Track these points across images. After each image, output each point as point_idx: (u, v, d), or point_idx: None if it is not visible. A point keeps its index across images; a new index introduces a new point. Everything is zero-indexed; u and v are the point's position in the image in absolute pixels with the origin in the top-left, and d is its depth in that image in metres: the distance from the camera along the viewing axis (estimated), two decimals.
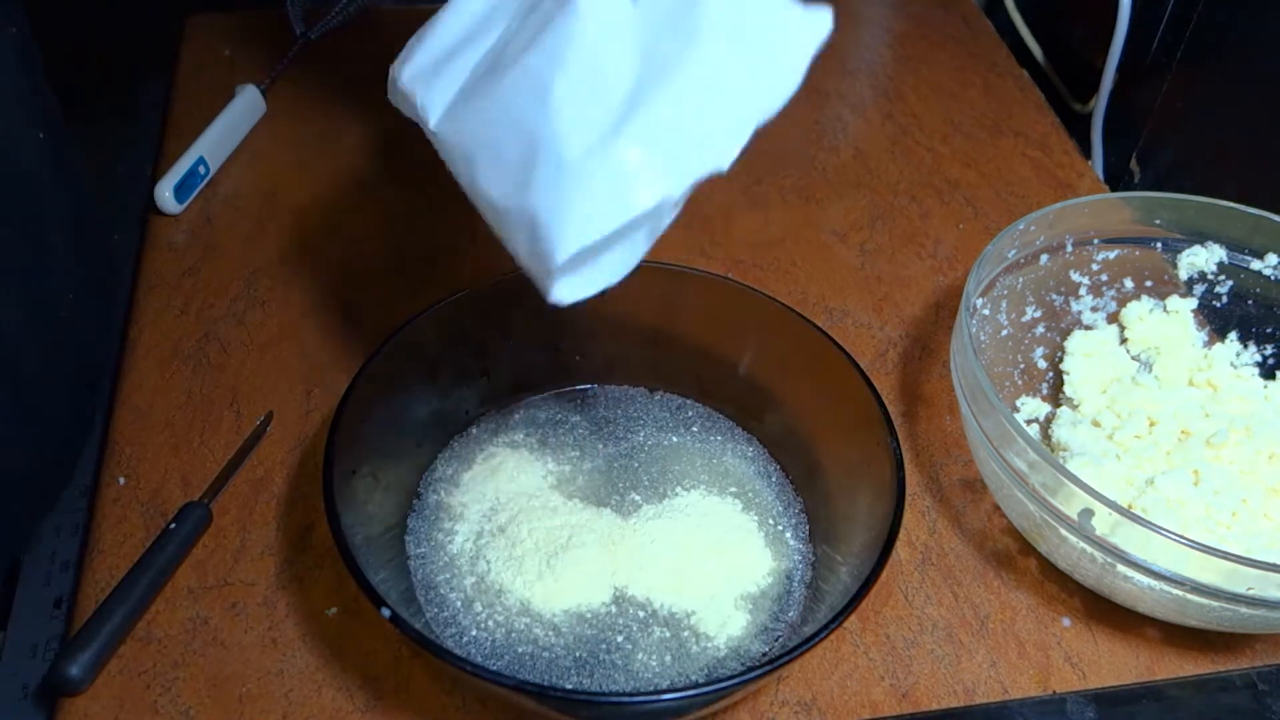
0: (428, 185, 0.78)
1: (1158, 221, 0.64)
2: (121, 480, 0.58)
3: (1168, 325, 0.64)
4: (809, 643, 0.42)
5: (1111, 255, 0.65)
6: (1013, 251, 0.61)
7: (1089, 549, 0.50)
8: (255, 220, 0.74)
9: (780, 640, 0.50)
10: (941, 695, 0.52)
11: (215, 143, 0.77)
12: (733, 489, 0.56)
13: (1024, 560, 0.58)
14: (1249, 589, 0.46)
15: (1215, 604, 0.48)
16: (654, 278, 0.58)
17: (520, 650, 0.49)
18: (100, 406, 0.62)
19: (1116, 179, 0.88)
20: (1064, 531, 0.50)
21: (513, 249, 0.43)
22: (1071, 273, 0.65)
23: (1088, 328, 0.66)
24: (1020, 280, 0.63)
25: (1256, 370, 0.64)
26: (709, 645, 0.50)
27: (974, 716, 0.51)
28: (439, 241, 0.73)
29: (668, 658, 0.49)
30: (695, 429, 0.59)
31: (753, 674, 0.42)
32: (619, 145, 0.39)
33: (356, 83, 0.85)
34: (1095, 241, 0.64)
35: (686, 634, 0.50)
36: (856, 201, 0.80)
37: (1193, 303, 0.65)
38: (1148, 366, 0.64)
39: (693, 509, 0.55)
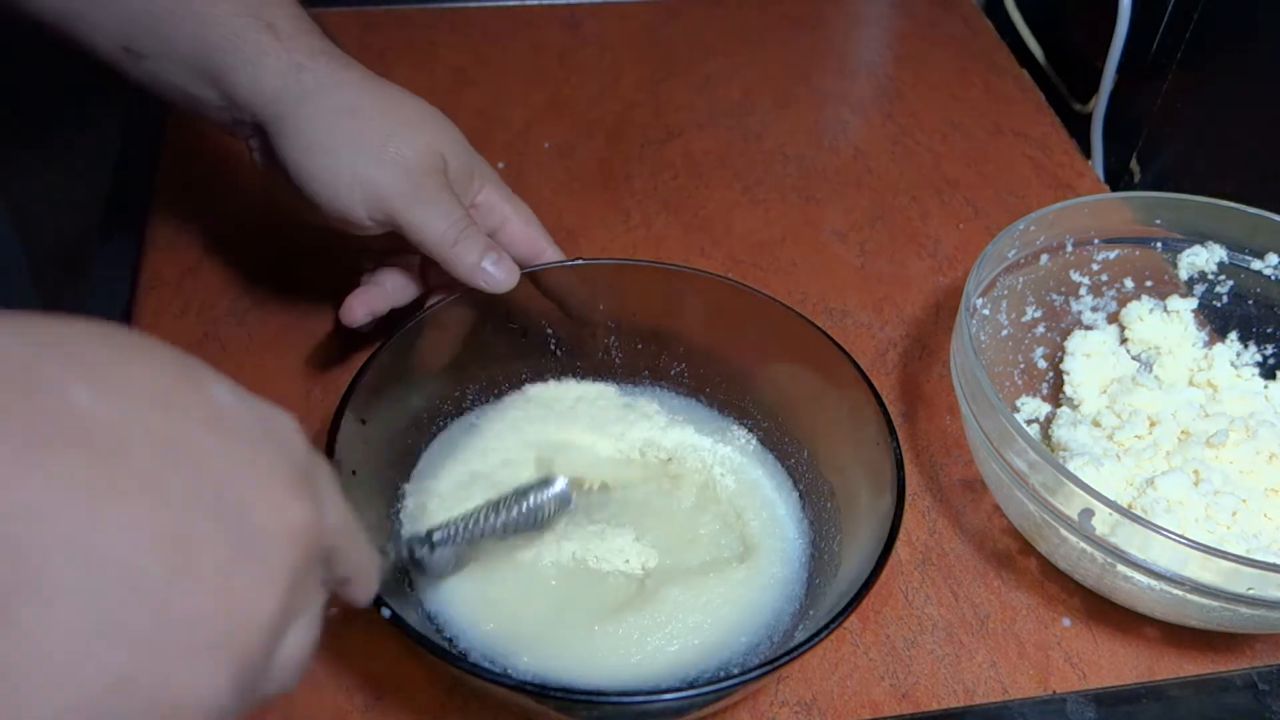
0: None
1: (1158, 221, 0.64)
2: None
3: (1168, 325, 0.64)
4: (809, 643, 0.42)
5: (1111, 255, 0.65)
6: (1013, 251, 0.61)
7: (1089, 549, 0.50)
8: (256, 220, 0.74)
9: (780, 641, 0.50)
10: (941, 695, 0.52)
11: None
12: (732, 488, 0.56)
13: (1024, 560, 0.58)
14: (1249, 589, 0.46)
15: (1215, 604, 0.48)
16: (654, 278, 0.58)
17: (519, 654, 0.49)
18: None
19: (1116, 179, 0.88)
20: (1064, 531, 0.50)
21: None
22: (1071, 273, 0.65)
23: (1088, 328, 0.65)
24: (1020, 280, 0.63)
25: (1257, 370, 0.64)
26: (710, 647, 0.50)
27: (974, 716, 0.51)
28: None
29: (669, 659, 0.49)
30: (692, 429, 0.59)
31: (753, 674, 0.42)
32: None
33: None
34: (1095, 241, 0.64)
35: (687, 639, 0.50)
36: (856, 201, 0.80)
37: (1193, 303, 0.65)
38: (1148, 366, 0.64)
39: (694, 511, 0.55)
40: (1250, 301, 0.64)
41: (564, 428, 0.58)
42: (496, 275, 0.53)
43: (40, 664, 0.22)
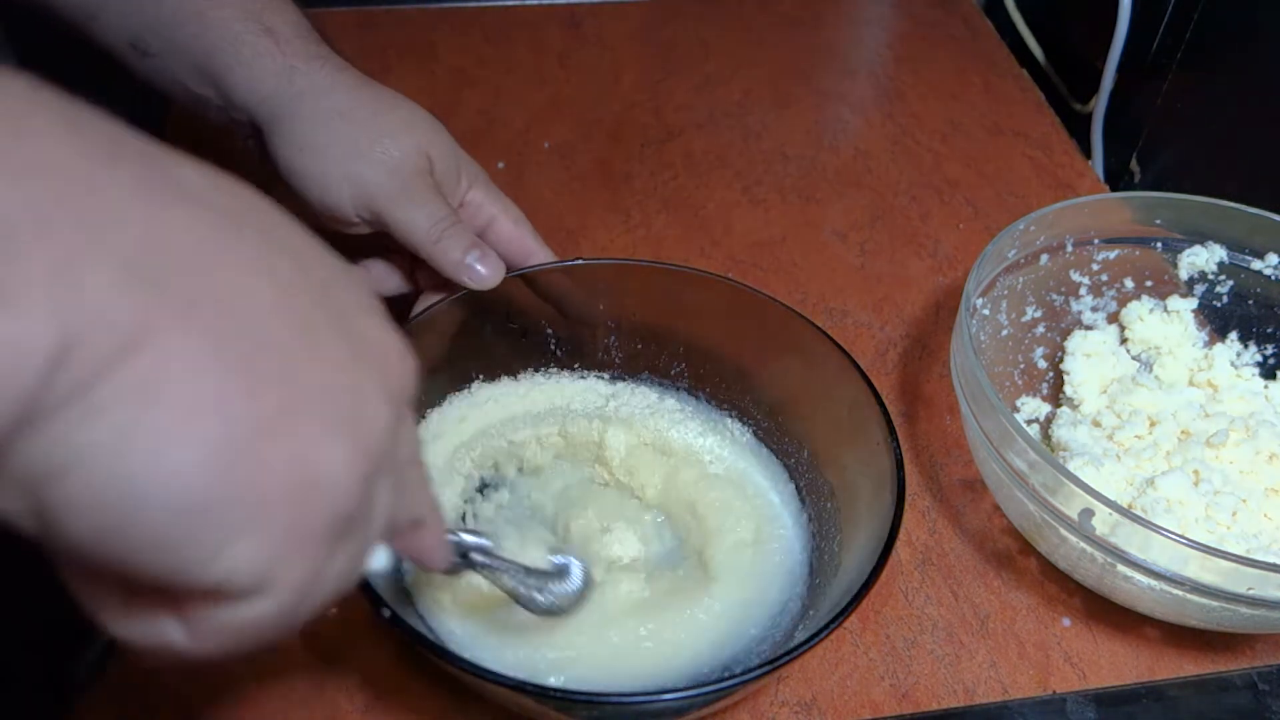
0: None
1: (1158, 221, 0.64)
2: None
3: (1168, 325, 0.64)
4: (809, 643, 0.42)
5: (1111, 255, 0.65)
6: (1013, 251, 0.61)
7: (1089, 549, 0.50)
8: None
9: (780, 640, 0.50)
10: (941, 695, 0.52)
11: None
12: (732, 487, 0.56)
13: (1024, 560, 0.58)
14: (1249, 589, 0.46)
15: (1215, 604, 0.48)
16: (654, 277, 0.58)
17: (520, 651, 0.49)
18: None
19: (1116, 179, 0.88)
20: (1064, 531, 0.50)
21: None
22: (1071, 273, 0.65)
23: (1088, 328, 0.65)
24: (1020, 280, 0.63)
25: (1257, 370, 0.64)
26: (711, 647, 0.50)
27: (974, 716, 0.51)
28: None
29: (669, 660, 0.49)
30: (690, 428, 0.59)
31: (753, 674, 0.42)
32: None
33: None
34: (1095, 241, 0.64)
35: (687, 640, 0.50)
36: (856, 201, 0.80)
37: (1193, 303, 0.65)
38: (1148, 366, 0.64)
39: (694, 509, 0.55)
40: (1250, 301, 0.64)
41: (564, 427, 0.58)
42: (481, 271, 0.54)
43: (184, 391, 0.22)
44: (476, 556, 0.42)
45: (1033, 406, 0.63)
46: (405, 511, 0.32)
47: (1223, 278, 0.64)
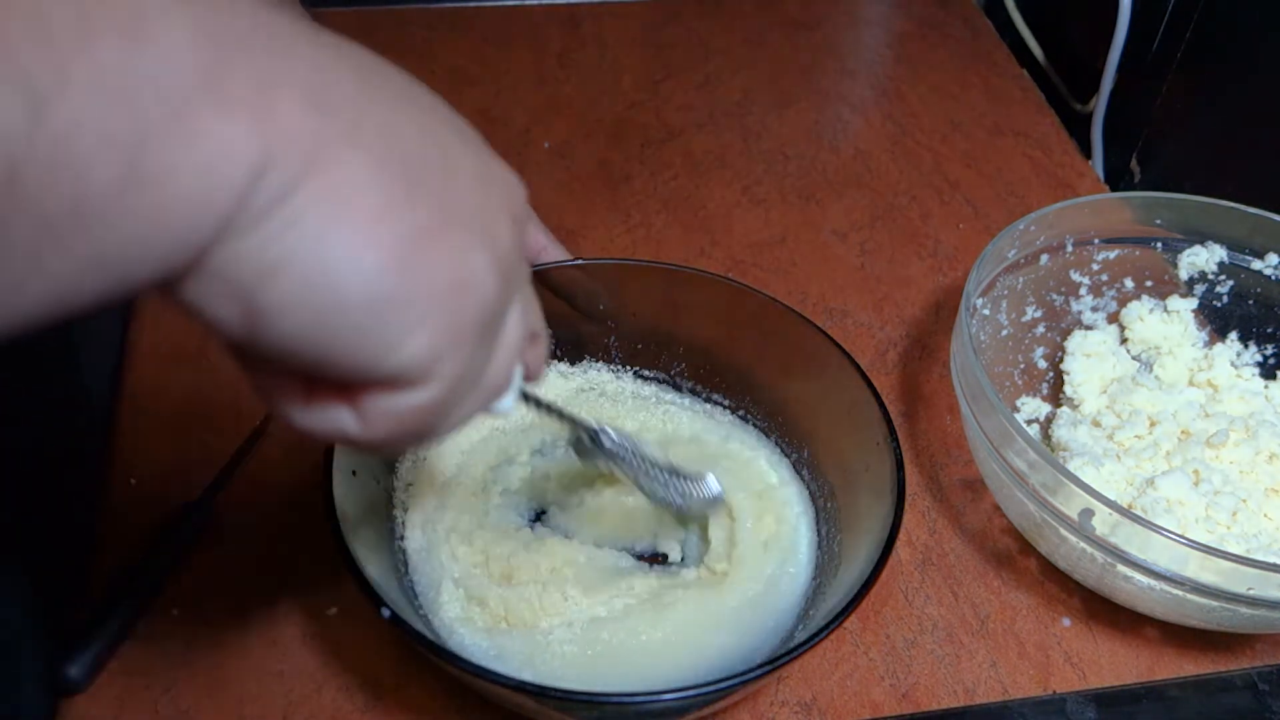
0: None
1: (1158, 221, 0.64)
2: (133, 481, 0.57)
3: (1168, 325, 0.64)
4: (809, 643, 0.42)
5: (1111, 255, 0.65)
6: (1013, 251, 0.61)
7: (1089, 549, 0.50)
8: None
9: (781, 641, 0.50)
10: (941, 695, 0.52)
11: None
12: (731, 487, 0.56)
13: (1024, 560, 0.58)
14: (1249, 589, 0.46)
15: (1215, 604, 0.48)
16: (654, 277, 0.58)
17: (521, 649, 0.49)
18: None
19: (1116, 179, 0.88)
20: (1064, 531, 0.50)
21: None
22: (1071, 273, 0.65)
23: (1088, 328, 0.65)
24: (1020, 280, 0.63)
25: (1257, 370, 0.64)
26: (711, 648, 0.50)
27: (974, 716, 0.51)
28: None
29: (669, 659, 0.49)
30: (691, 427, 0.59)
31: (753, 674, 0.42)
32: None
33: None
34: (1095, 241, 0.64)
35: (688, 639, 0.50)
36: (856, 201, 0.80)
37: (1193, 303, 0.65)
38: (1148, 366, 0.64)
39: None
40: (1250, 301, 0.64)
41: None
42: None
43: (363, 201, 0.25)
44: (605, 440, 0.44)
45: (1033, 406, 0.63)
46: (529, 324, 0.35)
47: (1223, 278, 0.64)
